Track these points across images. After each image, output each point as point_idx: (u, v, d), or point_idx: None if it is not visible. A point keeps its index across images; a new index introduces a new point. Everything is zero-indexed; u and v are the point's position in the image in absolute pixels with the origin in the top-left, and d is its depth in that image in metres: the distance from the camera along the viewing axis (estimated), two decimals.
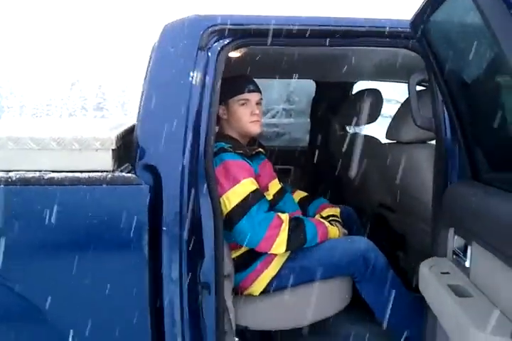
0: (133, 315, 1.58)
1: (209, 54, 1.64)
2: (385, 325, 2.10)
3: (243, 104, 2.08)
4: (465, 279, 1.44)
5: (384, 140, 2.54)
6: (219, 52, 1.64)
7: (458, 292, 1.35)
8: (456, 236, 1.55)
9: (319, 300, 2.04)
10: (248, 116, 2.08)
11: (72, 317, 1.56)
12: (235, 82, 2.05)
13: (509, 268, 1.14)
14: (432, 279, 1.48)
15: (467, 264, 1.46)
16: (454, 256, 1.56)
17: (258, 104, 2.12)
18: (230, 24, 1.64)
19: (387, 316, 2.06)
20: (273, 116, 5.58)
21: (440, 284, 1.42)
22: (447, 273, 1.50)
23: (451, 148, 1.73)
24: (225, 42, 1.65)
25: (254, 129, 2.10)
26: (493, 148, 1.46)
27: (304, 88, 4.12)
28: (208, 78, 1.63)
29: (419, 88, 1.94)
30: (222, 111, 2.08)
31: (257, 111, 2.08)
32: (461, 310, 1.24)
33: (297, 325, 2.06)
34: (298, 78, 3.28)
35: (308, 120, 3.76)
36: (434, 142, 1.92)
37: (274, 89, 5.32)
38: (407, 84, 1.82)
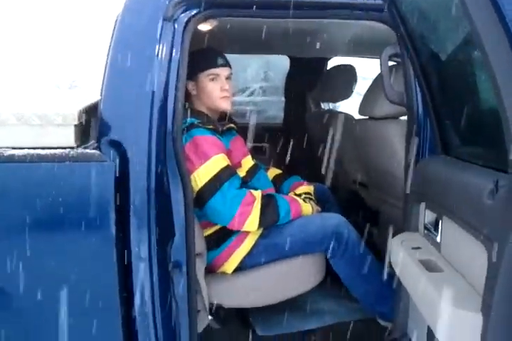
0: (101, 295, 1.55)
1: (175, 25, 1.57)
2: (358, 300, 2.12)
3: (213, 79, 2.03)
4: (436, 254, 1.44)
5: (358, 116, 2.52)
6: (186, 23, 1.57)
7: (429, 267, 1.35)
8: (427, 211, 1.54)
9: (293, 277, 2.04)
10: (218, 91, 2.03)
11: (37, 298, 1.52)
12: (204, 56, 1.99)
13: (478, 242, 1.14)
14: (403, 254, 1.48)
15: (438, 239, 1.46)
16: (426, 231, 1.56)
17: (228, 78, 2.06)
18: None
19: (360, 292, 2.08)
20: (250, 95, 5.53)
21: (411, 259, 1.42)
22: (418, 248, 1.49)
23: (422, 123, 1.71)
24: (193, 13, 1.58)
25: (225, 105, 2.05)
26: (463, 122, 1.45)
27: (281, 65, 4.07)
28: (174, 51, 1.57)
29: (391, 63, 1.92)
30: (191, 86, 2.02)
31: (227, 87, 2.03)
32: (432, 285, 1.24)
33: (271, 302, 2.05)
34: (271, 54, 3.23)
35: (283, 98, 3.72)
36: (406, 117, 1.91)
37: (251, 67, 5.27)
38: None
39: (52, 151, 1.49)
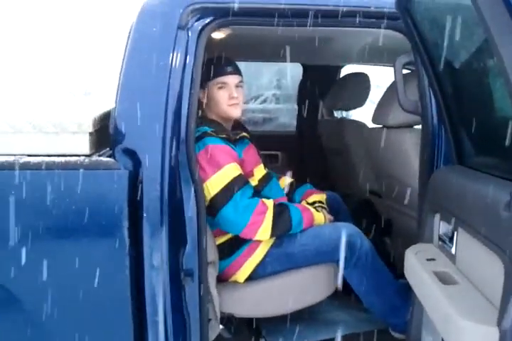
0: (114, 303, 1.55)
1: (189, 34, 1.57)
2: (370, 311, 2.09)
3: (221, 88, 2.01)
4: (451, 266, 1.42)
5: (371, 125, 2.51)
6: (200, 31, 1.58)
7: (443, 279, 1.32)
8: (442, 222, 1.52)
9: (305, 287, 2.03)
10: (226, 99, 2.01)
11: (50, 305, 1.52)
12: (212, 65, 1.97)
13: (494, 255, 1.12)
14: (417, 266, 1.46)
15: (453, 250, 1.44)
16: (440, 242, 1.54)
17: (238, 86, 2.05)
18: (212, 2, 1.58)
19: (373, 302, 2.05)
20: (262, 102, 5.54)
21: (425, 271, 1.39)
22: (433, 259, 1.47)
23: (437, 132, 1.70)
24: (206, 22, 1.59)
25: (234, 113, 2.04)
26: (479, 132, 1.43)
27: (293, 73, 4.07)
28: (188, 59, 1.57)
29: (405, 71, 1.91)
30: (201, 94, 2.01)
31: (235, 95, 2.01)
32: (447, 298, 1.22)
33: (283, 312, 2.04)
34: (284, 61, 3.22)
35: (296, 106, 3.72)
36: (420, 126, 1.89)
37: (263, 75, 5.28)
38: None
39: (67, 159, 1.50)
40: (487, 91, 1.31)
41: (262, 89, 5.44)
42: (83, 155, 1.54)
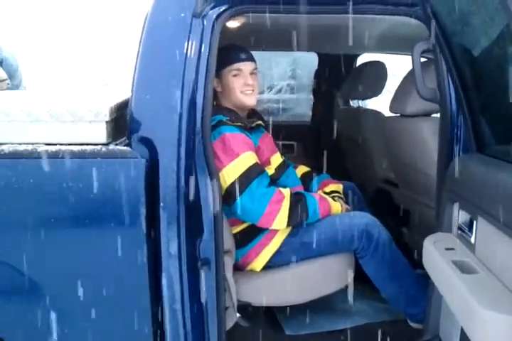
0: (132, 291, 1.56)
1: (204, 22, 1.56)
2: (388, 301, 2.09)
3: (236, 75, 2.00)
4: (470, 255, 1.40)
5: (388, 114, 2.48)
6: (215, 19, 1.57)
7: (463, 268, 1.31)
8: (461, 211, 1.51)
9: (321, 277, 2.03)
10: (241, 87, 2.00)
11: (69, 293, 1.54)
12: (226, 52, 1.94)
13: None
14: (436, 255, 1.45)
15: (472, 240, 1.42)
16: (459, 232, 1.53)
17: (253, 74, 2.03)
18: None
19: (390, 292, 2.04)
20: (277, 92, 5.52)
21: (444, 260, 1.38)
22: (452, 248, 1.46)
23: (456, 120, 1.67)
24: (221, 10, 1.57)
25: (249, 101, 2.02)
26: (500, 120, 1.41)
27: (308, 63, 4.04)
28: (203, 47, 1.56)
29: (422, 59, 1.88)
30: (216, 83, 1.98)
31: (251, 82, 2.00)
32: (466, 287, 1.20)
33: (299, 301, 2.04)
34: (299, 50, 3.19)
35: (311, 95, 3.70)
36: (438, 115, 1.87)
37: (278, 65, 5.25)
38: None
39: (84, 148, 1.50)
40: (508, 78, 1.29)
41: (276, 79, 5.41)
42: (100, 144, 1.55)
